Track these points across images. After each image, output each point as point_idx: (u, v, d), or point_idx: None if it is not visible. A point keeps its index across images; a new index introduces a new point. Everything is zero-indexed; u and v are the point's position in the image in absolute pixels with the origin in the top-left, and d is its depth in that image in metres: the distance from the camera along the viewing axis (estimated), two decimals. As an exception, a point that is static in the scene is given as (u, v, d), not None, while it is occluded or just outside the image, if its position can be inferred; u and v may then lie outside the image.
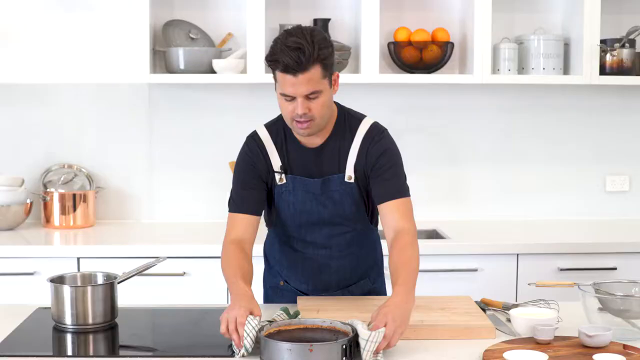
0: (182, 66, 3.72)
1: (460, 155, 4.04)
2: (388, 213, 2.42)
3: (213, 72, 3.73)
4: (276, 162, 2.49)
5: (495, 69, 3.82)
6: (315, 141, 2.46)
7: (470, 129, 4.04)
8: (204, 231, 3.77)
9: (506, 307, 2.49)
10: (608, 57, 3.80)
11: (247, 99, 3.95)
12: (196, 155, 3.98)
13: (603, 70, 3.80)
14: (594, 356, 2.04)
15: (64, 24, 3.89)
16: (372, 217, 2.60)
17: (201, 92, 3.94)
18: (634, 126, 4.10)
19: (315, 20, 3.84)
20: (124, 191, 3.98)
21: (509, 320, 2.37)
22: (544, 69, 3.81)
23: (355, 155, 2.46)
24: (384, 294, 2.70)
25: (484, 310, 2.47)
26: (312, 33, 2.29)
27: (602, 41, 3.77)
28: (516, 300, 3.28)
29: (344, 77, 3.71)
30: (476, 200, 4.06)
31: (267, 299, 2.74)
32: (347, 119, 2.49)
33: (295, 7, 3.90)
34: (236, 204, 2.52)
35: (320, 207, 2.49)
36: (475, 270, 3.47)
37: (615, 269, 3.50)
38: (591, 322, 2.28)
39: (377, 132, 2.48)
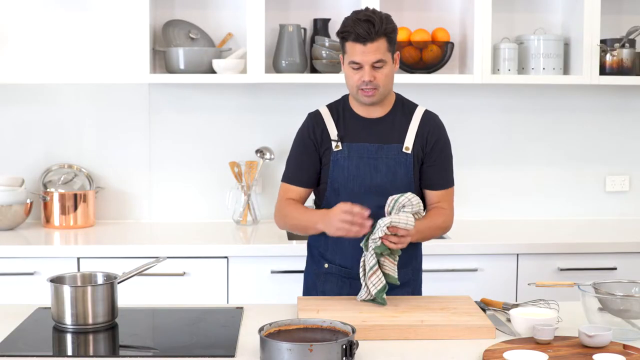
0: (182, 66, 3.72)
1: (460, 155, 4.02)
2: (432, 198, 2.71)
3: (213, 72, 3.73)
4: (333, 132, 2.70)
5: (495, 69, 3.82)
6: (375, 113, 2.69)
7: (470, 129, 4.04)
8: (204, 231, 3.78)
9: (506, 307, 2.49)
10: (608, 57, 3.80)
11: (247, 99, 3.95)
12: (196, 155, 3.98)
13: (603, 70, 3.80)
14: (594, 356, 2.04)
15: (64, 24, 3.89)
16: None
17: (201, 92, 3.94)
18: (634, 126, 4.11)
19: (315, 20, 3.85)
20: (124, 191, 3.99)
21: (509, 320, 2.37)
22: (544, 69, 3.81)
23: (415, 130, 2.69)
24: (419, 292, 2.79)
25: (484, 310, 2.47)
26: (380, 13, 2.61)
27: (602, 41, 3.77)
28: (516, 300, 3.28)
29: (344, 77, 3.72)
30: (476, 200, 4.06)
31: (308, 289, 2.80)
32: (404, 102, 2.76)
33: (295, 7, 3.90)
34: (288, 177, 2.76)
35: (374, 171, 2.65)
36: (475, 270, 3.47)
37: (615, 269, 3.51)
38: (591, 322, 2.28)
39: (435, 117, 2.75)
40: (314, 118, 2.74)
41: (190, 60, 3.71)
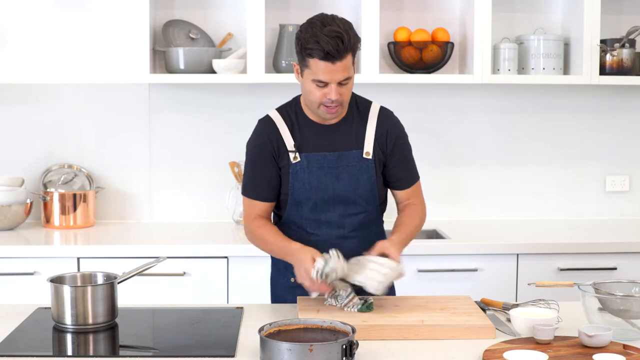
0: (182, 66, 3.72)
1: (460, 155, 4.04)
2: (401, 197, 2.66)
3: (213, 72, 3.74)
4: (289, 142, 2.56)
5: (495, 69, 3.82)
6: (329, 120, 2.55)
7: (470, 129, 4.04)
8: (204, 231, 3.78)
9: (506, 307, 2.49)
10: (608, 57, 3.80)
11: (247, 99, 3.95)
12: (196, 155, 3.98)
13: (603, 70, 3.80)
14: (594, 356, 2.04)
15: (64, 24, 3.89)
16: (382, 204, 2.67)
17: (201, 92, 3.94)
18: (634, 126, 4.11)
19: (315, 20, 3.84)
20: (124, 191, 3.99)
21: (509, 320, 2.37)
22: (544, 69, 3.81)
23: (373, 133, 2.58)
24: (392, 289, 2.74)
25: (484, 310, 2.47)
26: (343, 22, 2.42)
27: (602, 41, 3.77)
28: (516, 300, 3.29)
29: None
30: (476, 200, 4.06)
31: (278, 299, 2.73)
32: (358, 101, 2.62)
33: (295, 7, 3.90)
34: (250, 190, 2.61)
35: (335, 181, 2.55)
36: (475, 270, 3.47)
37: (615, 269, 3.50)
38: (591, 322, 2.28)
39: (390, 114, 2.65)
40: (267, 125, 2.58)
41: (190, 60, 3.71)
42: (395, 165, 2.61)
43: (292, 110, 2.61)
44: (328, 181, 2.55)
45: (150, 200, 4.00)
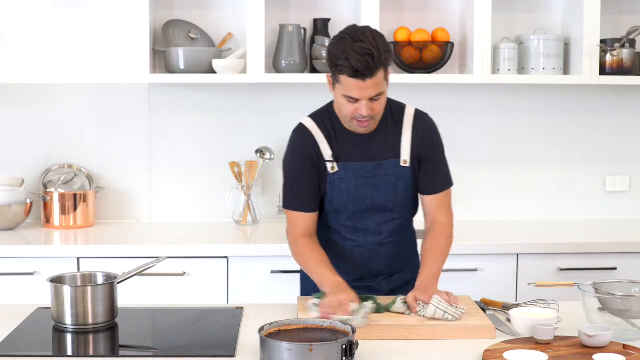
0: (182, 66, 3.72)
1: (460, 155, 4.04)
2: (432, 204, 2.61)
3: (213, 72, 3.73)
4: (327, 152, 2.54)
5: (495, 69, 3.82)
6: (362, 132, 2.52)
7: (470, 129, 4.04)
8: (204, 231, 3.77)
9: (506, 307, 2.49)
10: (608, 57, 3.80)
11: (247, 99, 3.95)
12: (196, 155, 3.98)
13: (603, 70, 3.80)
14: (594, 356, 2.04)
15: (64, 24, 3.89)
16: (415, 207, 2.68)
17: (201, 92, 3.94)
18: (634, 126, 4.10)
19: (315, 20, 3.84)
20: (124, 191, 3.98)
21: (509, 320, 2.37)
22: (544, 69, 3.81)
23: (409, 139, 2.55)
24: None
25: (484, 310, 2.47)
26: (375, 36, 2.35)
27: (602, 41, 3.77)
28: (516, 300, 3.28)
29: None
30: (476, 200, 4.06)
31: (310, 292, 2.69)
32: (392, 107, 2.59)
33: (295, 7, 3.90)
34: (292, 202, 2.58)
35: (374, 190, 2.54)
36: (475, 270, 3.47)
37: (615, 269, 3.50)
38: (591, 322, 2.28)
39: (425, 117, 2.62)
40: (304, 135, 2.55)
41: (190, 60, 3.71)
42: (426, 167, 2.59)
43: (327, 119, 2.56)
44: (366, 191, 2.54)
45: (150, 200, 3.99)
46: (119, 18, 3.89)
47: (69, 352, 2.24)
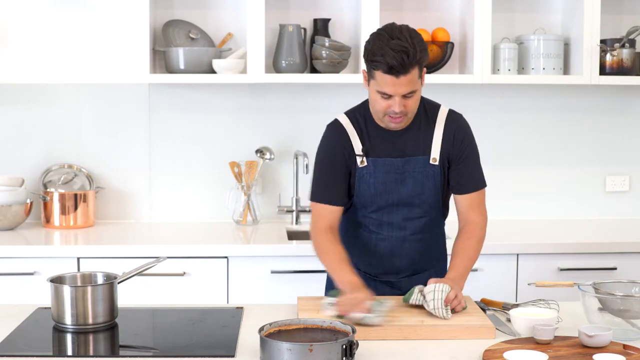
0: (182, 66, 3.72)
1: (460, 155, 4.04)
2: (464, 204, 2.62)
3: (213, 72, 3.73)
4: (357, 146, 2.58)
5: (495, 69, 3.82)
6: (395, 128, 2.55)
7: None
8: (204, 231, 3.78)
9: (506, 307, 2.49)
10: (608, 57, 3.80)
11: (247, 99, 3.95)
12: (196, 155, 3.98)
13: (603, 70, 3.80)
14: (594, 356, 2.04)
15: (64, 24, 3.89)
16: (445, 208, 2.68)
17: (201, 92, 3.94)
18: (634, 126, 4.11)
19: (315, 20, 3.85)
20: (124, 191, 3.98)
21: (509, 320, 2.37)
22: (544, 69, 3.81)
23: (441, 137, 2.58)
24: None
25: (484, 310, 2.47)
26: (411, 34, 2.40)
27: (602, 41, 3.77)
28: (516, 300, 3.29)
29: (344, 77, 3.73)
30: (476, 200, 4.05)
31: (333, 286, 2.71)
32: (426, 105, 2.63)
33: (295, 7, 3.90)
34: (320, 194, 2.61)
35: (401, 186, 2.57)
36: (475, 270, 3.46)
37: (615, 269, 3.50)
38: (591, 322, 2.28)
39: (458, 117, 2.65)
40: (337, 130, 2.60)
41: (190, 60, 3.71)
42: (458, 167, 2.60)
43: (360, 116, 2.60)
44: (393, 186, 2.57)
45: (150, 200, 4.00)
46: (119, 18, 3.89)
47: (69, 352, 2.24)
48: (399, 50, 2.35)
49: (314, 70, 3.80)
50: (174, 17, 3.88)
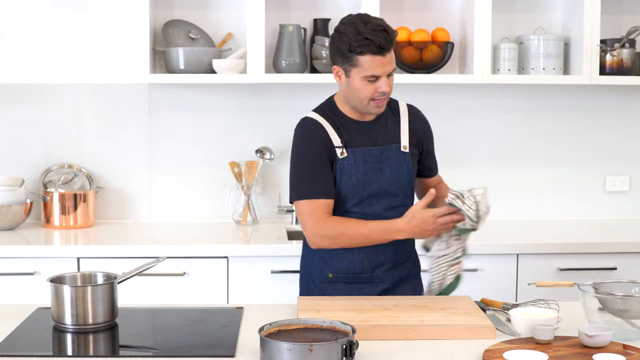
0: (182, 66, 3.72)
1: (460, 155, 4.04)
2: (431, 182, 2.83)
3: (213, 72, 3.74)
4: (336, 139, 2.62)
5: (495, 69, 3.82)
6: (368, 116, 2.66)
7: (470, 129, 4.04)
8: (204, 231, 3.78)
9: (506, 307, 2.49)
10: (608, 57, 3.80)
11: (247, 99, 3.95)
12: (196, 155, 3.98)
13: (603, 70, 3.80)
14: (594, 356, 2.04)
15: (64, 24, 3.89)
16: (413, 196, 2.78)
17: (201, 92, 3.94)
18: (634, 126, 4.11)
19: (315, 20, 3.85)
20: (124, 191, 3.99)
21: (509, 320, 2.37)
22: (544, 69, 3.81)
23: (407, 127, 2.70)
24: (420, 289, 2.81)
25: (484, 310, 2.47)
26: (378, 17, 2.55)
27: (602, 41, 3.77)
28: (516, 300, 3.29)
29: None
30: (476, 200, 4.05)
31: (312, 292, 2.75)
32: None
33: (295, 7, 3.90)
34: (310, 191, 2.59)
35: (380, 174, 2.63)
36: (475, 270, 3.47)
37: (615, 269, 3.51)
38: (591, 322, 2.28)
39: (418, 111, 2.79)
40: (313, 125, 2.63)
41: (190, 60, 3.71)
42: (427, 157, 2.78)
43: (329, 110, 2.67)
44: (373, 175, 2.63)
45: (150, 200, 4.00)
46: (119, 18, 3.89)
47: (69, 352, 2.24)
48: (380, 29, 2.48)
49: (314, 70, 3.80)
50: (174, 17, 3.88)
